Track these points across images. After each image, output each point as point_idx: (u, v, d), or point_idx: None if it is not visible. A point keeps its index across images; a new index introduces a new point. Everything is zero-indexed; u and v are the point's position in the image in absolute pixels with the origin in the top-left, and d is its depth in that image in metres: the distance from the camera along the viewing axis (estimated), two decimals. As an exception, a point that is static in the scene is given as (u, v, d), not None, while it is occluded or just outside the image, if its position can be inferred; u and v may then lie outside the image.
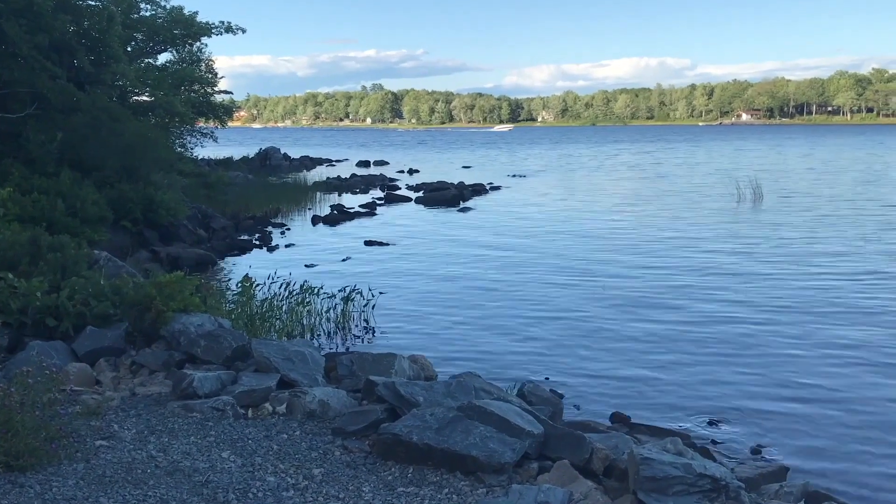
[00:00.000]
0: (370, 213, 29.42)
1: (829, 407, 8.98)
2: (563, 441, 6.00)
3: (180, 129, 27.98)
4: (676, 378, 10.10)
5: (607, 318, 13.09)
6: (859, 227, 23.02)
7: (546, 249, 20.13)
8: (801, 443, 8.06)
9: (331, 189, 37.74)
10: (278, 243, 21.84)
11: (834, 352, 11.01)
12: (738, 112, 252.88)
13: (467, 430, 5.77)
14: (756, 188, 32.25)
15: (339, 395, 7.02)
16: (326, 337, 12.18)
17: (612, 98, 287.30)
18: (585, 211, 28.99)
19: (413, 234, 23.47)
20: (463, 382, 6.84)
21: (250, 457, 5.96)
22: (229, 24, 29.15)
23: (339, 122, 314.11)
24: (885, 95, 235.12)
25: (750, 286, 15.21)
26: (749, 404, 9.13)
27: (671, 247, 20.08)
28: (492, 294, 15.02)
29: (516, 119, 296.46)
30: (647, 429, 8.12)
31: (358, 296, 13.07)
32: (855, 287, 15.03)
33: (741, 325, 12.48)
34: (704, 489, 5.14)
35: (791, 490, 6.36)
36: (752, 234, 22.17)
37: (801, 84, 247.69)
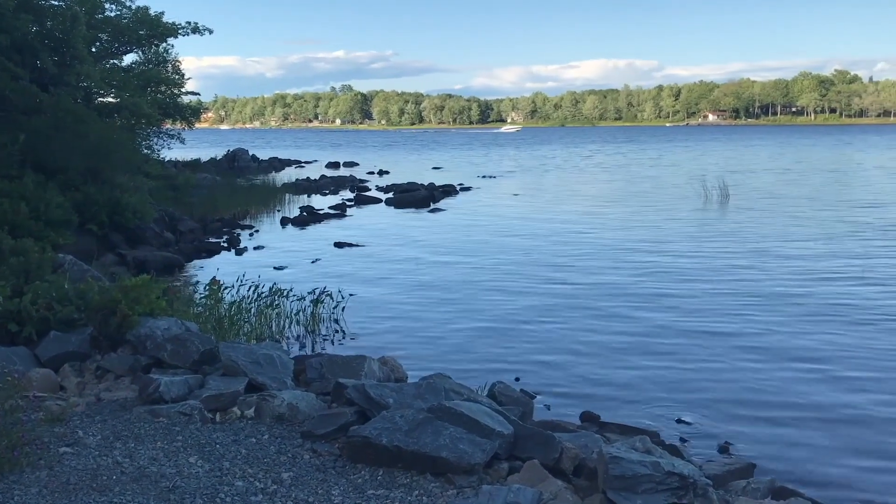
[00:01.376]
0: (340, 214, 29.30)
1: (795, 405, 9.10)
2: (532, 441, 6.02)
3: (147, 131, 27.63)
4: (646, 377, 10.18)
5: (578, 318, 13.15)
6: (827, 228, 23.37)
7: (515, 250, 20.18)
8: (768, 440, 8.15)
9: (300, 190, 37.54)
10: (247, 246, 21.66)
11: (801, 351, 11.15)
12: (705, 113, 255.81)
13: (437, 431, 5.75)
14: (723, 189, 32.64)
15: (309, 398, 6.98)
16: (296, 340, 12.09)
17: (580, 99, 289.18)
18: (554, 212, 29.12)
19: (383, 236, 23.41)
20: (433, 384, 6.83)
21: (218, 462, 5.89)
22: (196, 25, 28.90)
23: (308, 123, 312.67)
24: (847, 96, 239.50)
25: (717, 287, 15.37)
26: (718, 402, 9.22)
27: (638, 248, 20.23)
28: (462, 295, 15.02)
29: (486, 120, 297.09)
30: (616, 427, 8.16)
31: (328, 298, 13.00)
32: (821, 287, 15.26)
33: (709, 324, 12.60)
34: (672, 487, 5.17)
35: (758, 486, 6.43)
36: (718, 235, 22.42)
37: (766, 85, 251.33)
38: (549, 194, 36.57)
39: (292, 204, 32.24)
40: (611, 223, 25.33)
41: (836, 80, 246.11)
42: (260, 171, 52.21)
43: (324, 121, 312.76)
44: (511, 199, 34.88)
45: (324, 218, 28.15)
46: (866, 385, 9.63)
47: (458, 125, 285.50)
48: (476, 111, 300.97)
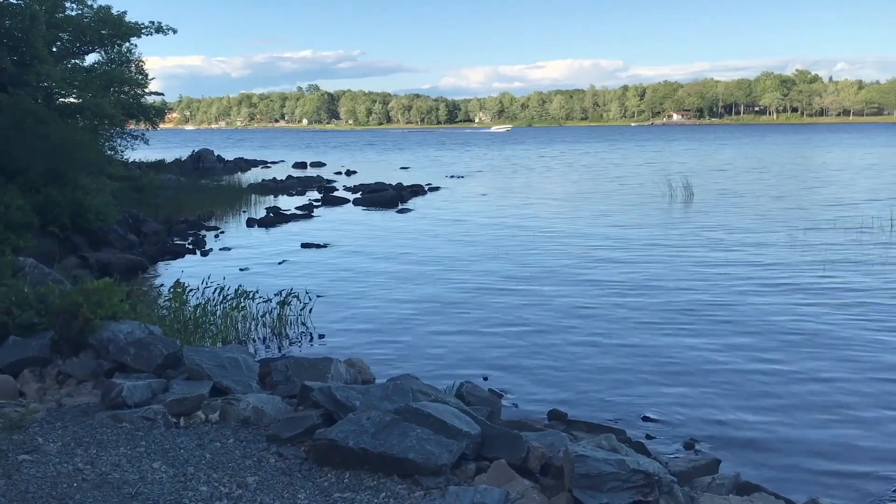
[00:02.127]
0: (307, 215, 29.13)
1: (759, 400, 9.22)
2: (499, 441, 6.02)
3: (110, 132, 27.30)
4: (614, 374, 10.25)
5: (546, 317, 13.20)
6: (789, 226, 23.73)
7: (483, 250, 20.22)
8: (734, 435, 8.24)
9: (266, 191, 37.28)
10: (212, 247, 21.46)
11: (765, 349, 11.30)
12: (670, 112, 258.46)
13: (404, 432, 5.73)
14: (687, 187, 33.04)
15: (274, 402, 6.92)
16: (262, 342, 12.00)
17: (547, 99, 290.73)
18: (521, 212, 29.23)
19: (351, 236, 23.33)
20: (400, 385, 6.81)
21: (182, 467, 5.82)
22: (160, 25, 28.58)
23: (274, 123, 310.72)
24: (809, 96, 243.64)
25: (682, 285, 15.53)
26: (684, 399, 9.31)
27: (604, 248, 20.38)
28: (430, 295, 15.01)
29: (454, 120, 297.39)
30: (584, 425, 8.20)
31: (294, 299, 12.90)
32: (783, 284, 15.48)
33: (675, 322, 12.73)
34: (638, 484, 5.21)
35: (723, 482, 6.49)
36: (682, 233, 22.64)
37: (730, 85, 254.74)
38: (517, 194, 36.70)
39: (258, 205, 32.00)
40: (577, 223, 25.48)
41: (798, 80, 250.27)
42: (226, 171, 51.76)
43: (290, 121, 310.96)
44: (479, 198, 34.95)
45: (290, 219, 27.98)
46: (830, 382, 9.79)
47: (426, 125, 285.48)
48: (444, 111, 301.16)
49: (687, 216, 26.68)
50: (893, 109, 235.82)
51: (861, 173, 45.47)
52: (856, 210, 26.46)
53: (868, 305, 13.38)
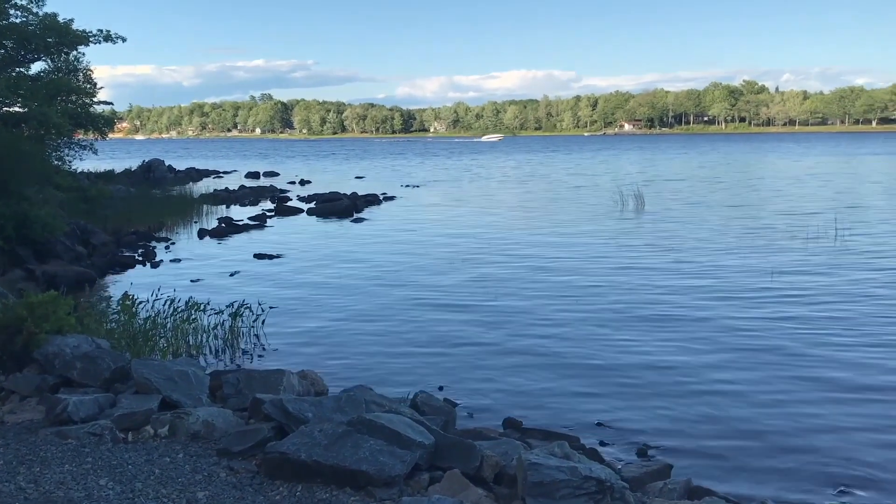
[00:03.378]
0: (260, 225, 28.83)
1: (711, 406, 9.34)
2: (453, 450, 6.02)
3: (57, 142, 26.68)
4: (569, 382, 10.31)
5: (501, 326, 13.24)
6: (738, 233, 24.21)
7: (437, 259, 20.23)
8: (685, 441, 8.34)
9: (218, 201, 36.81)
10: (163, 258, 21.11)
11: (715, 355, 11.47)
12: (621, 122, 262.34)
13: (357, 444, 5.70)
14: (639, 196, 33.51)
15: (225, 415, 6.82)
16: (214, 355, 11.81)
17: (501, 109, 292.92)
18: (476, 221, 29.33)
19: (305, 246, 23.15)
20: (353, 396, 6.77)
21: (130, 483, 5.70)
22: (108, 33, 28.06)
23: (227, 133, 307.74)
24: (756, 106, 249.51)
25: (634, 293, 15.71)
26: (637, 405, 9.40)
27: (557, 256, 20.54)
28: (385, 306, 14.96)
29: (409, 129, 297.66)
30: (538, 433, 8.23)
31: (247, 311, 12.73)
32: (733, 290, 15.75)
33: (626, 330, 12.86)
34: (590, 491, 5.24)
35: (674, 487, 6.57)
36: (633, 241, 22.95)
37: (679, 95, 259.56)
38: (472, 203, 36.81)
39: (210, 215, 31.58)
40: (531, 232, 25.65)
41: (745, 91, 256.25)
42: (177, 182, 51.01)
43: (243, 130, 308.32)
44: (434, 208, 34.98)
45: (243, 229, 27.67)
46: (779, 388, 9.96)
47: (380, 134, 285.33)
48: (399, 120, 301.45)
49: (638, 225, 27.04)
50: (836, 119, 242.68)
51: (806, 182, 46.61)
52: (802, 219, 27.07)
53: (815, 312, 13.68)
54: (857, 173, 54.92)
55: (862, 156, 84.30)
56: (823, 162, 71.53)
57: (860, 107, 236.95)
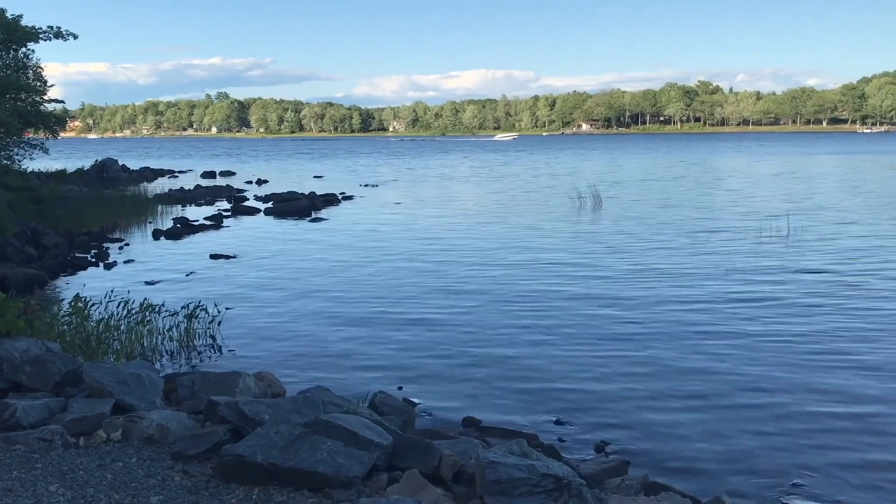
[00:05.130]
0: (216, 225, 28.47)
1: (668, 402, 9.46)
2: (412, 450, 6.00)
3: (6, 141, 26.03)
4: (527, 378, 10.36)
5: (459, 323, 13.26)
6: (693, 232, 24.56)
7: (396, 259, 20.19)
8: (642, 437, 8.43)
9: (174, 201, 36.26)
10: (116, 260, 20.73)
11: (671, 351, 11.61)
12: (579, 122, 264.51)
13: (314, 445, 5.65)
14: (595, 195, 33.84)
15: (180, 418, 6.71)
16: (169, 357, 11.63)
17: (460, 109, 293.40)
18: (434, 220, 29.34)
19: (262, 247, 22.93)
20: (310, 397, 6.71)
21: (81, 489, 5.58)
22: (59, 29, 27.42)
23: (182, 132, 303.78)
24: (710, 106, 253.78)
25: (590, 292, 15.85)
26: (595, 402, 9.48)
27: (514, 254, 20.65)
28: (343, 306, 14.88)
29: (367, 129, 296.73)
30: (497, 431, 8.25)
31: (203, 312, 12.53)
32: (688, 287, 15.97)
33: (584, 329, 12.95)
34: (548, 489, 5.26)
35: (632, 483, 6.64)
36: (590, 240, 23.16)
37: (636, 95, 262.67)
38: (430, 203, 36.81)
39: (165, 215, 31.10)
40: (489, 230, 25.74)
41: (700, 91, 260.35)
42: (131, 181, 50.10)
43: (199, 129, 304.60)
44: (393, 207, 34.90)
45: (199, 229, 27.30)
46: (734, 384, 10.12)
47: (339, 133, 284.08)
48: (357, 119, 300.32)
49: (595, 224, 27.29)
50: (788, 119, 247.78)
51: (759, 182, 47.49)
52: (756, 218, 27.56)
53: (769, 310, 13.92)
54: (810, 172, 56.09)
55: (815, 155, 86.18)
56: (778, 162, 72.96)
57: (811, 107, 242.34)
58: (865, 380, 10.07)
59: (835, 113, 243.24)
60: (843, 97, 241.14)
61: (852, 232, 23.60)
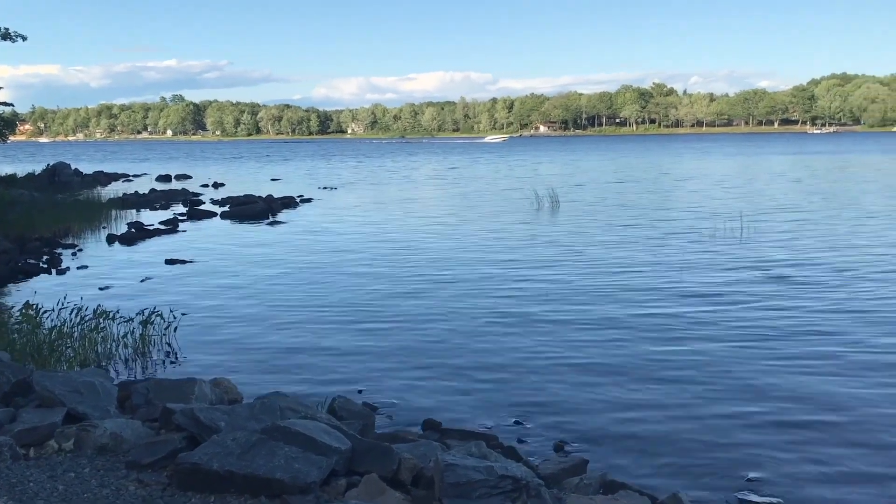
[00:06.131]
0: (172, 229, 28.08)
1: (625, 400, 9.56)
2: (371, 454, 5.98)
3: (-49, 145, 25.45)
4: (488, 380, 10.38)
5: (418, 327, 13.25)
6: (649, 233, 24.88)
7: (355, 261, 20.11)
8: (601, 435, 8.50)
9: (128, 205, 35.69)
10: (69, 266, 20.33)
11: (628, 349, 11.74)
12: (537, 124, 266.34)
13: (271, 452, 5.59)
14: (553, 197, 34.09)
15: (134, 426, 6.60)
16: (124, 364, 11.44)
17: (419, 111, 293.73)
18: (393, 222, 29.30)
19: (218, 251, 22.66)
20: (267, 403, 6.64)
21: (31, 501, 5.45)
22: (6, 31, 26.97)
23: (136, 135, 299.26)
24: (665, 108, 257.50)
25: (548, 289, 15.95)
26: (554, 402, 9.54)
27: (472, 255, 20.72)
28: (302, 310, 14.76)
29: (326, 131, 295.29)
30: (457, 433, 8.26)
31: (158, 318, 12.35)
32: (644, 287, 16.16)
33: (542, 329, 13.03)
34: (506, 490, 5.29)
35: (590, 482, 6.69)
36: (548, 242, 23.31)
37: (592, 98, 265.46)
38: (389, 205, 36.75)
39: (119, 220, 30.58)
40: (447, 232, 25.77)
41: (655, 93, 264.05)
42: (84, 186, 49.17)
43: (154, 132, 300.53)
44: (352, 210, 34.77)
45: (154, 234, 26.89)
46: (689, 381, 10.27)
47: (297, 136, 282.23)
48: (315, 122, 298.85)
49: (553, 225, 27.49)
50: (741, 121, 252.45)
51: (715, 182, 48.26)
52: (711, 218, 28.01)
53: (724, 309, 14.14)
54: (764, 173, 57.17)
55: (768, 156, 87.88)
56: (732, 163, 74.24)
57: (763, 108, 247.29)
58: (818, 378, 10.28)
59: (786, 114, 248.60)
60: (793, 99, 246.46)
61: (807, 232, 24.09)
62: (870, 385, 9.90)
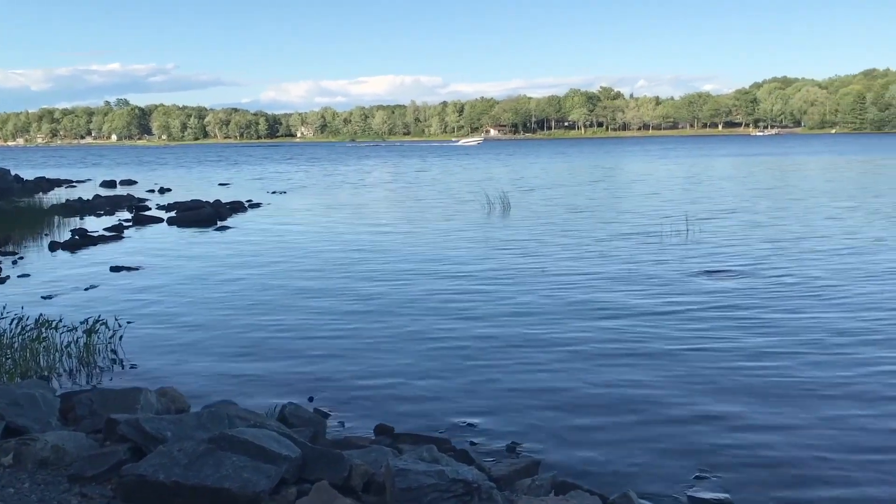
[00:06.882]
0: (117, 236, 27.50)
1: (576, 400, 9.62)
2: (321, 462, 5.92)
3: None
4: (441, 385, 10.35)
5: (370, 331, 13.16)
6: (598, 234, 25.18)
7: (305, 267, 19.94)
8: (553, 436, 8.54)
9: (71, 212, 34.83)
10: (9, 274, 19.75)
11: (578, 350, 11.83)
12: (487, 128, 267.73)
13: (219, 461, 5.50)
14: (504, 200, 34.28)
15: (77, 438, 6.43)
16: (68, 375, 11.13)
17: (369, 114, 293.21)
18: (344, 226, 29.15)
19: (165, 257, 22.26)
20: (215, 412, 6.53)
21: (-31, 519, 5.28)
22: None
23: (80, 140, 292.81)
24: (612, 111, 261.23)
25: (502, 291, 16.01)
26: (507, 404, 9.56)
27: (424, 259, 20.70)
28: (251, 316, 14.56)
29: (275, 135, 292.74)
30: (410, 438, 8.23)
31: (103, 327, 12.06)
32: (594, 287, 16.32)
33: (495, 328, 13.06)
34: (458, 493, 5.28)
35: (542, 483, 6.72)
36: (500, 244, 23.43)
37: (541, 101, 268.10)
38: (341, 209, 36.54)
39: (63, 227, 29.84)
40: (399, 236, 25.73)
41: (602, 97, 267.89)
42: (25, 192, 47.86)
43: (98, 137, 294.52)
44: (302, 214, 34.49)
45: (99, 241, 26.30)
46: (639, 381, 10.38)
47: (245, 140, 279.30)
48: (264, 125, 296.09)
49: (504, 229, 27.62)
50: (686, 123, 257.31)
51: (663, 184, 49.06)
52: (659, 220, 28.45)
53: (671, 312, 14.33)
54: (711, 175, 58.31)
55: (713, 157, 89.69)
56: (680, 165, 75.55)
57: (707, 111, 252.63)
58: (767, 376, 10.48)
59: (729, 117, 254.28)
60: (736, 101, 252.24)
61: (753, 233, 24.59)
62: (819, 383, 10.11)
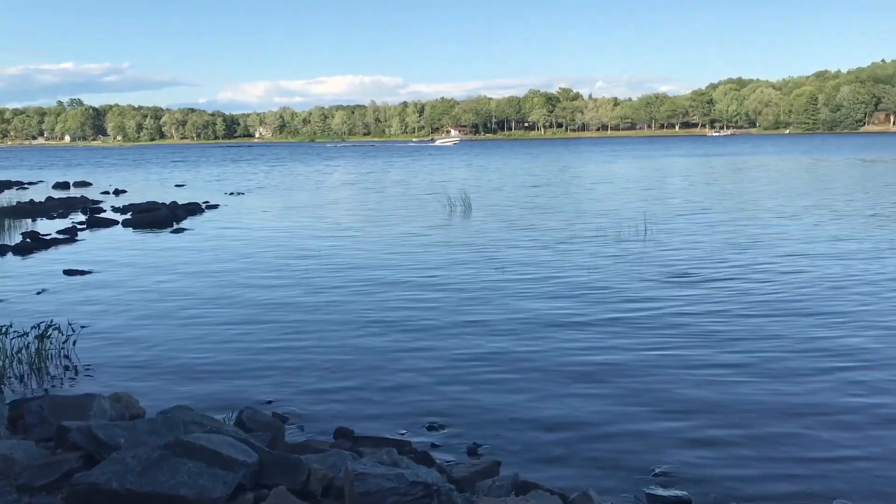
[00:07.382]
0: (70, 239, 26.94)
1: (536, 400, 9.65)
2: (279, 466, 5.84)
3: None
4: (401, 387, 10.30)
5: (326, 334, 13.06)
6: (557, 234, 25.34)
7: (263, 269, 19.73)
8: (513, 437, 8.55)
9: (22, 214, 34.05)
10: (-43, 279, 19.27)
11: (537, 350, 11.87)
12: (448, 128, 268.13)
13: (174, 468, 5.40)
14: (465, 201, 34.34)
15: (27, 447, 6.26)
16: (19, 381, 10.86)
17: (329, 114, 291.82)
18: (303, 228, 28.93)
19: (120, 260, 21.87)
20: (170, 418, 6.41)
21: (-88, 532, 5.11)
22: None
23: (31, 140, 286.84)
24: (571, 112, 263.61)
25: (461, 294, 16.02)
26: (467, 404, 9.55)
27: (383, 261, 20.64)
28: (208, 320, 14.36)
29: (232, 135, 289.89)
30: (370, 441, 8.18)
31: (55, 332, 11.78)
32: (554, 286, 16.41)
33: (455, 330, 13.07)
34: (418, 496, 5.25)
35: (502, 484, 6.72)
36: (460, 244, 23.45)
37: (501, 102, 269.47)
38: (299, 211, 36.26)
39: (13, 230, 29.16)
40: (358, 238, 25.60)
41: (562, 98, 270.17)
42: (-27, 194, 46.80)
43: (50, 138, 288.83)
44: (260, 215, 34.17)
45: (51, 244, 25.74)
46: (600, 379, 10.46)
47: (202, 140, 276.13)
48: (221, 126, 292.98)
49: (464, 230, 27.65)
50: (644, 124, 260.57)
51: (622, 184, 49.59)
52: (617, 220, 28.74)
53: (631, 307, 14.49)
54: (669, 175, 59.07)
55: (671, 157, 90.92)
56: (638, 165, 76.44)
57: (664, 112, 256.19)
58: (724, 376, 10.63)
59: (686, 117, 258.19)
60: (693, 102, 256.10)
61: (710, 232, 24.94)
62: (775, 382, 10.27)
